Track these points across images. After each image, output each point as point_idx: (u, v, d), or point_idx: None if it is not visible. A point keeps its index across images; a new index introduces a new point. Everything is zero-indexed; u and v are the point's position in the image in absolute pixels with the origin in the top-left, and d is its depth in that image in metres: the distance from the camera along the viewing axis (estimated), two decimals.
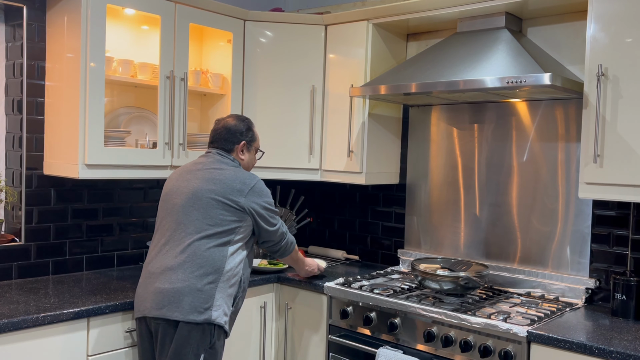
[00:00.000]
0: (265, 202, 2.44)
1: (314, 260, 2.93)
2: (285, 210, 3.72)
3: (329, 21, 3.15)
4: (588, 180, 2.31)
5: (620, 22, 2.23)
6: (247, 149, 2.55)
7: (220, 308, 2.28)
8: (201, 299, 2.24)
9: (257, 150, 2.62)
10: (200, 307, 2.24)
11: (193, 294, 2.24)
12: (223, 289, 2.30)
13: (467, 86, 2.42)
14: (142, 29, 3.06)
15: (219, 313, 2.27)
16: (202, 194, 2.35)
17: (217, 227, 2.32)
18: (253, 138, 2.57)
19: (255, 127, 2.59)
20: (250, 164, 2.59)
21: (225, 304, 2.31)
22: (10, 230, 2.79)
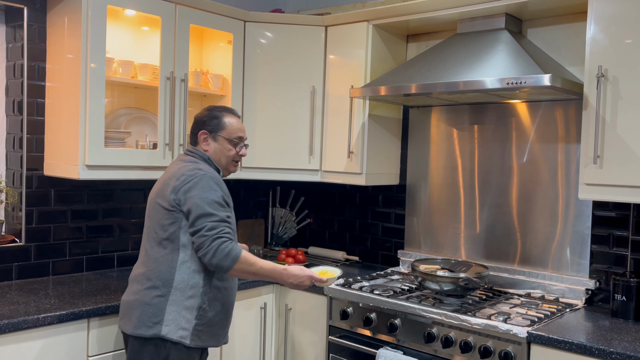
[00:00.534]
0: (204, 196, 2.12)
1: (302, 270, 2.28)
2: (286, 211, 3.73)
3: (329, 22, 3.15)
4: (588, 181, 2.31)
5: (620, 24, 2.23)
6: (213, 138, 2.29)
7: (172, 323, 2.11)
8: (149, 313, 2.12)
9: (233, 141, 2.31)
10: (149, 321, 2.11)
11: (142, 308, 2.14)
12: (176, 302, 2.13)
13: (467, 87, 2.42)
14: (142, 30, 3.06)
15: (170, 328, 2.11)
16: (151, 198, 2.25)
17: (162, 234, 2.17)
18: (219, 126, 2.30)
19: (228, 117, 2.32)
20: (220, 155, 2.31)
21: (183, 318, 2.13)
22: (11, 231, 2.79)
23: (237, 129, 2.34)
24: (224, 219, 2.12)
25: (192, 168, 2.20)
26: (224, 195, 2.18)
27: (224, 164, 2.34)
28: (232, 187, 3.61)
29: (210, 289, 2.19)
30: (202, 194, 2.12)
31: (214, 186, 2.16)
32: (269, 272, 2.19)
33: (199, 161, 2.27)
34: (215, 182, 2.17)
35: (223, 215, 2.12)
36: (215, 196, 2.14)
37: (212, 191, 2.14)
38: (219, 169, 2.33)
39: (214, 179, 2.18)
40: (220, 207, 2.14)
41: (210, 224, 2.09)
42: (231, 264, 2.08)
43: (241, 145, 2.36)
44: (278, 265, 2.22)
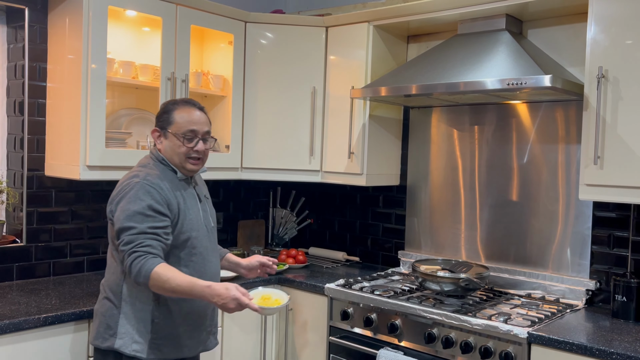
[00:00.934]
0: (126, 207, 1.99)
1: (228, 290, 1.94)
2: (286, 212, 3.73)
3: (329, 23, 3.15)
4: (588, 182, 2.31)
5: (621, 24, 2.24)
6: (164, 135, 2.13)
7: (126, 336, 2.03)
8: (105, 325, 2.07)
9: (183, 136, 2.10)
10: (105, 333, 2.07)
11: (99, 318, 2.11)
12: (128, 315, 2.05)
13: (468, 88, 2.43)
14: (143, 31, 3.06)
15: (124, 341, 2.03)
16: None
17: (111, 245, 2.12)
18: (167, 122, 2.12)
19: (180, 110, 2.13)
20: (171, 154, 2.13)
21: (136, 331, 2.04)
22: (12, 231, 2.80)
23: (187, 122, 2.11)
24: (144, 231, 1.96)
25: (132, 175, 2.07)
26: (152, 204, 2.00)
27: (177, 162, 2.13)
28: (232, 187, 3.62)
29: (162, 302, 2.07)
30: (126, 205, 2.00)
31: (142, 195, 2.00)
32: (187, 289, 1.93)
33: (151, 164, 2.13)
34: (145, 191, 2.01)
35: (143, 227, 1.96)
36: (139, 207, 1.98)
37: (137, 202, 1.99)
38: (176, 170, 2.15)
39: (147, 187, 2.02)
40: (144, 217, 1.98)
41: (127, 238, 1.96)
42: (144, 280, 1.93)
43: (196, 140, 2.12)
44: (199, 282, 1.95)
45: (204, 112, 2.19)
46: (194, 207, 2.17)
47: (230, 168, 3.15)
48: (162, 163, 2.15)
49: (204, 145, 2.15)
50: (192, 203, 2.17)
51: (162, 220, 2.02)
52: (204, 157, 2.17)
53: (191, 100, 2.20)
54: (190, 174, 2.19)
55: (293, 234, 3.75)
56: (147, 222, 1.98)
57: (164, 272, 1.93)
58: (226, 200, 3.59)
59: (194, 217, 2.14)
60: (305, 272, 3.16)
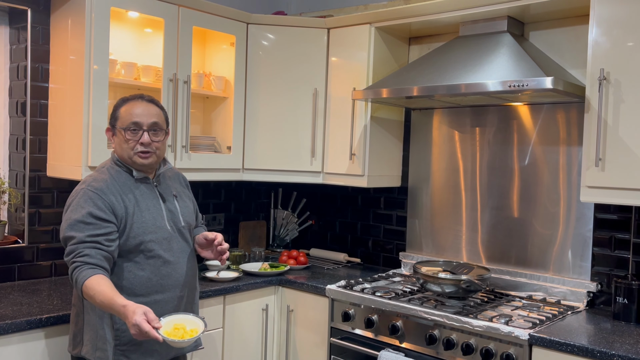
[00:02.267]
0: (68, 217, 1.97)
1: (135, 314, 1.76)
2: (287, 213, 3.73)
3: (331, 24, 3.16)
4: (590, 184, 2.31)
5: (622, 27, 2.24)
6: (114, 132, 2.09)
7: (89, 343, 2.00)
8: (73, 332, 2.08)
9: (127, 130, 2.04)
10: (74, 340, 2.08)
11: (70, 326, 2.11)
12: (90, 322, 2.01)
13: (469, 90, 2.43)
14: (145, 32, 3.07)
15: (88, 349, 2.00)
16: None
17: None
18: (114, 118, 2.08)
19: (126, 104, 2.08)
20: (120, 151, 2.07)
21: (100, 338, 1.99)
22: (14, 231, 2.80)
23: (130, 114, 2.04)
24: (83, 240, 1.91)
25: (81, 182, 2.05)
26: (93, 211, 1.95)
27: (127, 158, 2.06)
28: (233, 188, 3.62)
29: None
30: (68, 214, 1.98)
31: (83, 203, 1.96)
32: (108, 306, 1.84)
33: (106, 167, 2.10)
34: (87, 197, 1.97)
35: (82, 236, 1.91)
36: (80, 215, 1.94)
37: (78, 209, 1.95)
38: (132, 169, 2.09)
39: (89, 193, 1.98)
40: (84, 225, 1.93)
41: (68, 248, 1.94)
42: (80, 293, 1.90)
43: (140, 133, 2.04)
44: (117, 301, 1.81)
45: (153, 104, 2.10)
46: (153, 207, 2.09)
47: (231, 169, 3.15)
48: (117, 164, 2.09)
49: (149, 137, 2.05)
50: (151, 204, 2.09)
51: (104, 227, 1.96)
52: (156, 151, 2.08)
53: (142, 94, 2.12)
54: (146, 170, 2.11)
55: (294, 235, 3.75)
56: (87, 230, 1.93)
57: (92, 287, 1.86)
58: (227, 201, 3.59)
59: (149, 219, 2.06)
60: (307, 273, 3.16)
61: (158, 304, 2.04)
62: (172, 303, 2.10)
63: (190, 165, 2.91)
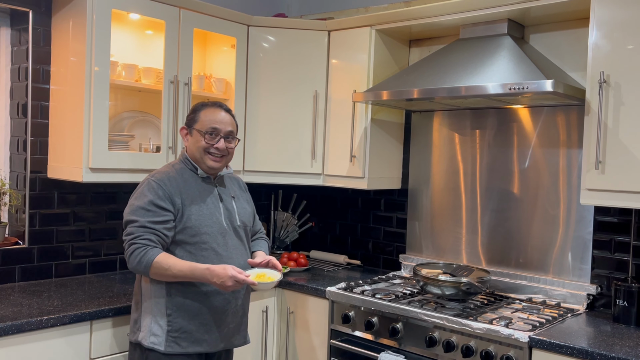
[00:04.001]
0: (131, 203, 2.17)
1: (225, 269, 2.07)
2: (287, 215, 3.73)
3: (332, 27, 3.16)
4: (590, 187, 2.31)
5: (622, 30, 2.24)
6: (190, 133, 2.27)
7: (146, 329, 2.16)
8: (133, 320, 2.25)
9: (204, 132, 2.22)
10: (134, 327, 2.23)
11: (131, 314, 2.28)
12: (148, 309, 2.18)
13: (469, 92, 2.43)
14: (146, 34, 3.08)
15: (144, 334, 2.16)
16: None
17: None
18: (194, 120, 2.26)
19: (207, 109, 2.26)
20: (194, 150, 2.25)
21: (155, 324, 2.15)
22: (14, 233, 2.80)
23: (211, 120, 2.24)
24: (144, 225, 2.10)
25: (149, 175, 2.24)
26: (154, 199, 2.13)
27: (198, 157, 2.25)
28: None
29: (175, 296, 2.16)
30: (132, 201, 2.18)
31: (147, 192, 2.15)
32: (189, 273, 2.08)
33: (171, 163, 2.31)
34: (150, 187, 2.16)
35: (143, 221, 2.10)
36: (142, 202, 2.13)
37: (141, 197, 2.15)
38: (197, 167, 2.27)
39: (152, 183, 2.17)
40: (145, 212, 2.12)
41: (129, 229, 2.12)
42: (144, 270, 2.09)
43: (217, 138, 2.23)
44: (199, 266, 2.08)
45: (229, 114, 2.32)
46: (211, 204, 2.26)
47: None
48: (184, 162, 2.29)
49: (224, 143, 2.25)
50: (209, 200, 2.26)
51: (162, 214, 2.13)
52: (226, 156, 2.29)
53: (220, 102, 2.33)
54: (212, 172, 2.29)
55: (294, 237, 3.75)
56: (147, 217, 2.11)
57: (164, 261, 2.08)
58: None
59: (206, 213, 2.22)
60: (307, 275, 3.16)
61: (209, 295, 2.19)
62: (224, 295, 2.23)
63: None
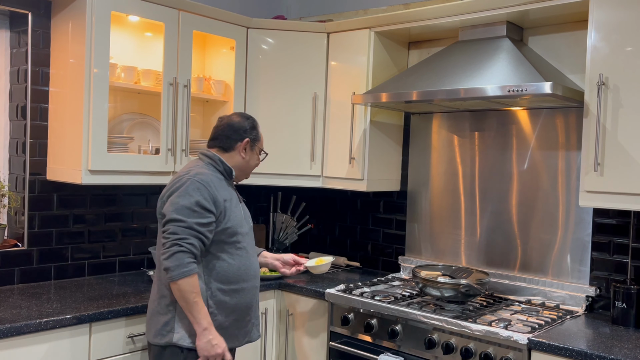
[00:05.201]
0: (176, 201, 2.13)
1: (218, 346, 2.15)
2: (287, 217, 3.73)
3: (331, 29, 3.17)
4: (588, 189, 2.32)
5: (621, 32, 2.25)
6: (251, 148, 2.37)
7: (182, 329, 2.16)
8: (162, 322, 2.19)
9: (261, 151, 2.44)
10: (163, 330, 2.18)
11: (156, 317, 2.21)
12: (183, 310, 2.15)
13: (468, 94, 2.43)
14: (145, 36, 3.08)
15: (181, 335, 2.15)
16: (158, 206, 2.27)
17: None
18: (257, 137, 2.39)
19: (259, 127, 2.43)
20: (251, 165, 2.41)
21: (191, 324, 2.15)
22: (13, 235, 2.80)
23: (262, 139, 2.46)
24: (191, 226, 2.10)
25: (184, 173, 2.22)
26: (200, 200, 2.14)
27: (244, 170, 2.40)
28: None
29: (215, 293, 2.21)
30: (175, 199, 2.14)
31: (192, 191, 2.14)
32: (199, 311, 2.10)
33: (200, 165, 2.28)
34: (195, 187, 2.15)
35: (190, 222, 2.10)
36: (188, 202, 2.12)
37: (186, 196, 2.13)
38: (230, 172, 2.32)
39: (196, 183, 2.16)
40: (191, 212, 2.11)
41: (173, 228, 2.10)
42: (177, 276, 2.06)
43: (264, 155, 2.49)
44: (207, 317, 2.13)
45: None
46: (238, 206, 2.33)
47: None
48: (214, 165, 2.31)
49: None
50: (236, 203, 2.33)
51: (207, 216, 2.15)
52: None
53: None
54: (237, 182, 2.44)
55: (293, 238, 3.75)
56: (194, 218, 2.12)
57: (195, 284, 2.10)
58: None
59: (239, 214, 2.30)
60: (306, 277, 3.16)
61: (243, 292, 2.27)
62: (252, 291, 2.32)
63: None
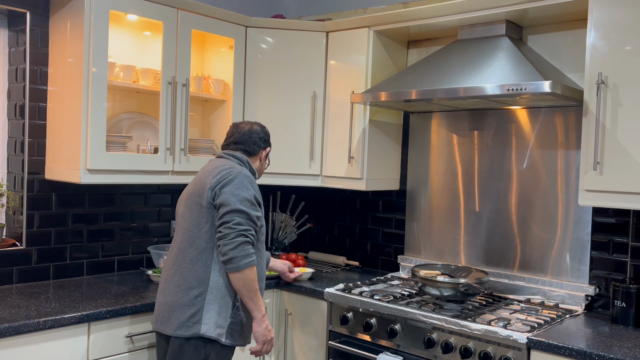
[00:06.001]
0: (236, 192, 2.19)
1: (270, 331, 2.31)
2: (286, 216, 3.73)
3: (330, 28, 3.16)
4: (588, 188, 2.31)
5: (620, 31, 2.25)
6: (266, 155, 2.52)
7: (210, 320, 2.18)
8: (188, 314, 2.18)
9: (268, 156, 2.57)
10: (189, 321, 2.18)
11: (181, 309, 2.19)
12: (213, 301, 2.19)
13: (468, 93, 2.43)
14: (144, 35, 3.07)
15: (209, 326, 2.18)
16: (186, 198, 2.31)
17: (196, 233, 2.23)
18: (270, 144, 2.54)
19: None
20: (262, 170, 2.54)
21: (219, 315, 2.20)
22: (12, 234, 2.80)
23: None
24: (253, 219, 2.19)
25: (227, 167, 2.28)
26: (255, 194, 2.25)
27: (260, 171, 2.52)
28: None
29: None
30: (235, 190, 2.19)
31: (247, 184, 2.23)
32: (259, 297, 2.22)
33: (234, 163, 2.34)
34: (249, 181, 2.24)
35: (253, 215, 2.19)
36: (247, 194, 2.20)
37: (244, 189, 2.20)
38: (255, 175, 2.44)
39: (249, 178, 2.25)
40: (251, 205, 2.20)
41: (239, 219, 2.15)
42: (244, 265, 2.14)
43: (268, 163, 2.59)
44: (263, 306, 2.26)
45: None
46: None
47: None
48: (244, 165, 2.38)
49: None
50: None
51: (259, 210, 2.26)
52: None
53: None
54: None
55: (293, 238, 3.75)
56: (255, 210, 2.21)
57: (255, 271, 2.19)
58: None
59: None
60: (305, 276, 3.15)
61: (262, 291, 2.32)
62: (263, 291, 2.35)
63: (189, 168, 2.91)
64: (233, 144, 2.44)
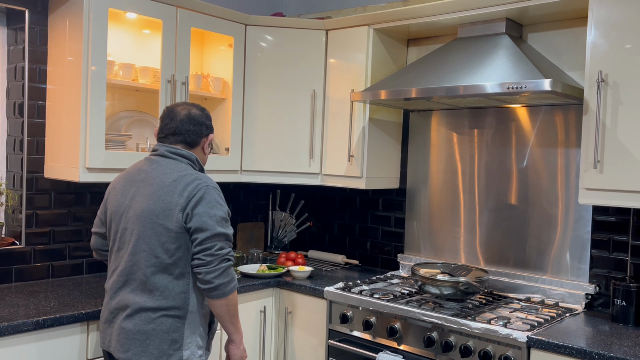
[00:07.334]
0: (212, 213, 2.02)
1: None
2: (285, 215, 3.73)
3: (329, 26, 3.16)
4: (588, 186, 2.31)
5: (620, 29, 2.24)
6: (209, 144, 2.24)
7: (192, 344, 2.06)
8: (169, 341, 2.03)
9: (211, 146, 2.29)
10: (170, 349, 2.03)
11: (160, 337, 2.02)
12: (193, 324, 2.07)
13: (467, 92, 2.43)
14: (143, 33, 3.07)
15: (191, 350, 2.06)
16: (145, 217, 2.03)
17: (166, 260, 2.02)
18: (212, 129, 2.26)
19: None
20: (205, 161, 2.28)
21: (200, 337, 2.10)
22: (11, 233, 2.79)
23: None
24: (230, 238, 2.06)
25: (189, 178, 2.06)
26: (228, 210, 2.10)
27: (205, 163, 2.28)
28: (232, 190, 3.62)
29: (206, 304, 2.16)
30: (209, 210, 2.02)
31: (219, 199, 2.07)
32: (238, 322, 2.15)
33: (189, 167, 2.13)
34: (219, 194, 2.08)
35: (230, 234, 2.06)
36: (222, 212, 2.05)
37: (218, 206, 2.04)
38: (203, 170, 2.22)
39: (217, 190, 2.08)
40: (226, 223, 2.06)
41: (220, 244, 2.02)
42: (230, 291, 2.04)
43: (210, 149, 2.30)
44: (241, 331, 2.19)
45: None
46: None
47: (229, 170, 3.15)
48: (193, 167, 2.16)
49: None
50: None
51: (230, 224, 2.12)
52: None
53: None
54: None
55: (292, 236, 3.75)
56: (229, 228, 2.07)
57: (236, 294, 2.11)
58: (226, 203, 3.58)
59: None
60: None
61: None
62: None
63: None
64: (171, 135, 2.15)
